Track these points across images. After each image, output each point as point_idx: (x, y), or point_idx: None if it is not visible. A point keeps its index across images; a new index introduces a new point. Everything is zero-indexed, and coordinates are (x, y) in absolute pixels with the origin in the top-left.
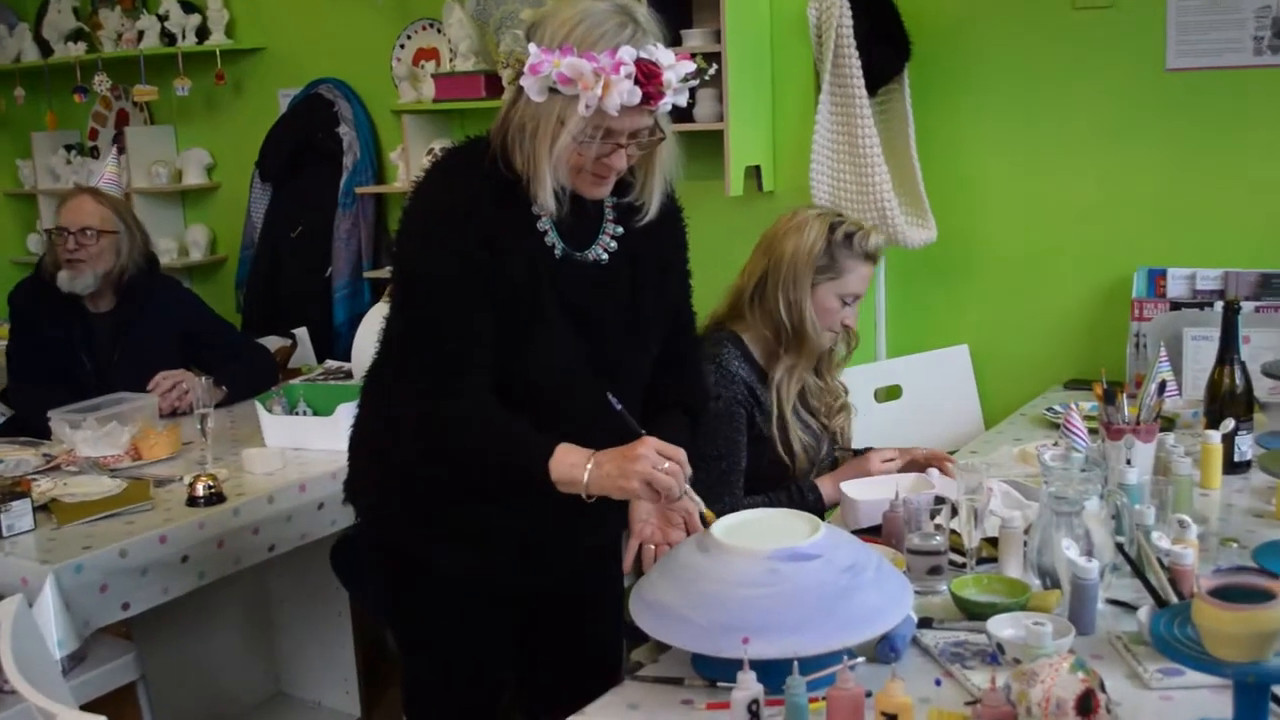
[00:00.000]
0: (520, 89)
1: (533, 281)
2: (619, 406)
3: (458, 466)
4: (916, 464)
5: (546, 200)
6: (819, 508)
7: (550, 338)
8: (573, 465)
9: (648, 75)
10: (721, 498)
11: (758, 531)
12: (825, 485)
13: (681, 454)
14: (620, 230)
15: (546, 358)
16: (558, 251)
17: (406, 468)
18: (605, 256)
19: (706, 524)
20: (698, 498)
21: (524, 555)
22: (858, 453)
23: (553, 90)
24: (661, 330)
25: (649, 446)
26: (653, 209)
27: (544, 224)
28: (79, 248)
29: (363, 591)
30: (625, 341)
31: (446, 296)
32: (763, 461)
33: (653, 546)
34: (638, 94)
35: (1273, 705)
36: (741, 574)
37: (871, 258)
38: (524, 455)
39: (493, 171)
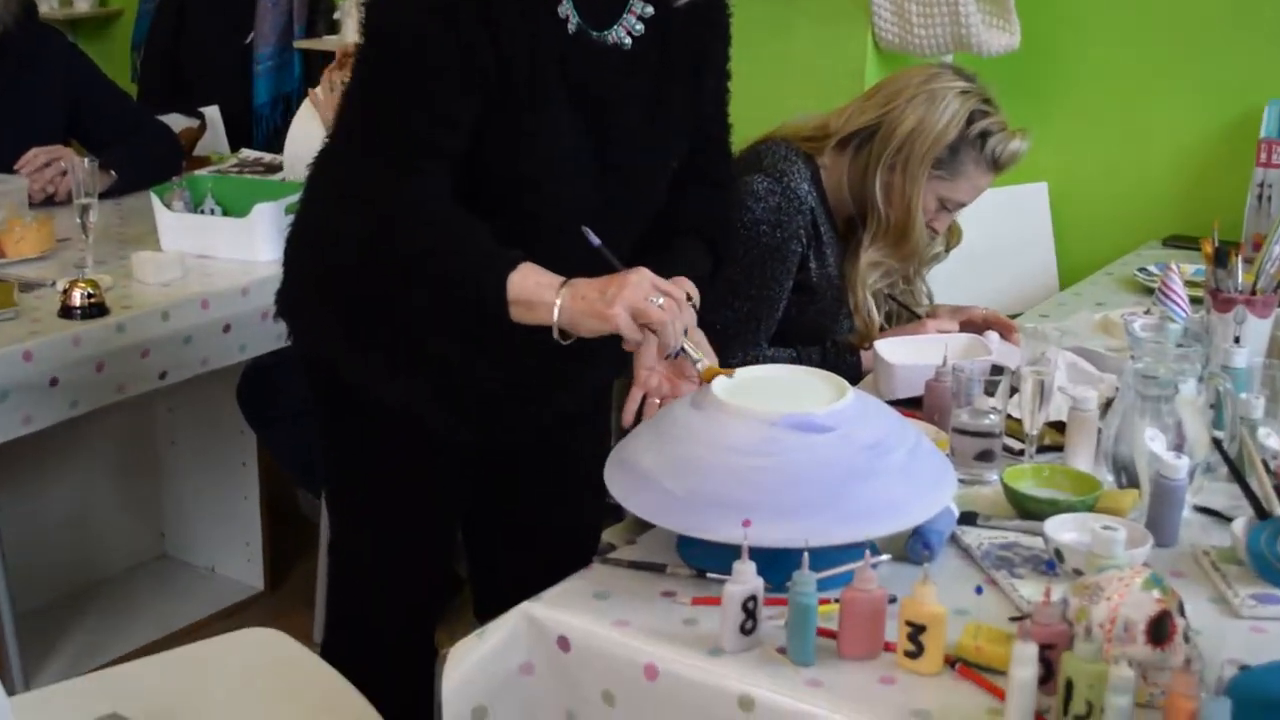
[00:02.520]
0: None
1: (535, 59)
2: (597, 242)
3: (394, 268)
4: (973, 325)
5: None
6: (855, 375)
7: (548, 129)
8: (540, 285)
9: None
10: (742, 347)
11: (770, 392)
12: (867, 353)
13: (681, 294)
14: (650, 10)
15: (543, 154)
16: (571, 26)
17: (347, 272)
18: (628, 40)
19: (705, 381)
20: (699, 352)
21: (486, 403)
22: (914, 315)
23: None
24: (686, 139)
25: (643, 275)
26: None
27: None
28: None
29: (276, 436)
30: (642, 147)
31: (420, 62)
32: (804, 314)
33: (657, 401)
34: None
35: None
36: (735, 440)
37: (999, 169)
38: (478, 264)
39: None
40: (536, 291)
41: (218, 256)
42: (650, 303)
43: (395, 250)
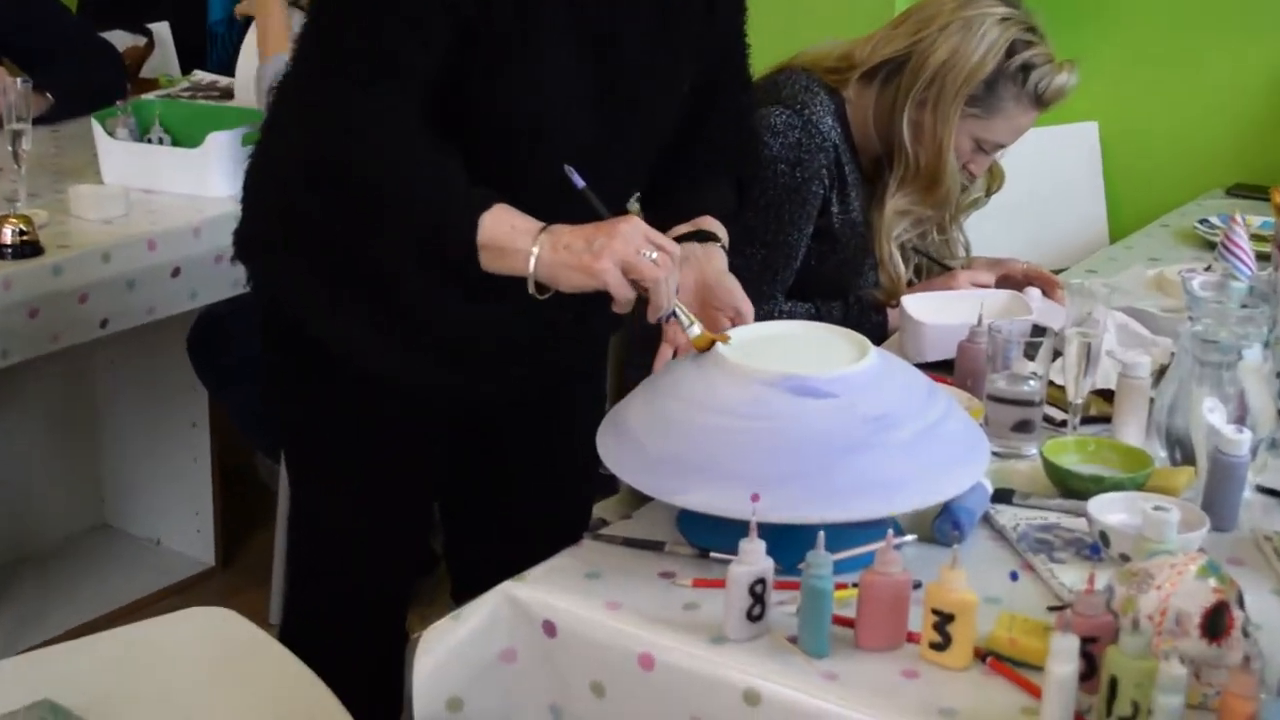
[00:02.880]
0: None
1: None
2: (582, 184)
3: (352, 200)
4: (1012, 281)
5: None
6: (880, 335)
7: (540, 60)
8: (516, 230)
9: None
10: (756, 301)
11: (786, 350)
12: (894, 310)
13: (676, 249)
14: None
15: (535, 88)
16: None
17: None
18: None
19: (697, 349)
20: (691, 316)
21: (467, 357)
22: (944, 268)
23: None
24: (697, 65)
25: (635, 225)
26: None
27: None
28: None
29: (231, 393)
30: (650, 73)
31: None
32: (825, 264)
33: None
34: None
35: None
36: (723, 399)
37: (1042, 106)
38: (445, 200)
39: None
40: (511, 237)
41: (166, 191)
42: (643, 256)
43: (352, 179)
